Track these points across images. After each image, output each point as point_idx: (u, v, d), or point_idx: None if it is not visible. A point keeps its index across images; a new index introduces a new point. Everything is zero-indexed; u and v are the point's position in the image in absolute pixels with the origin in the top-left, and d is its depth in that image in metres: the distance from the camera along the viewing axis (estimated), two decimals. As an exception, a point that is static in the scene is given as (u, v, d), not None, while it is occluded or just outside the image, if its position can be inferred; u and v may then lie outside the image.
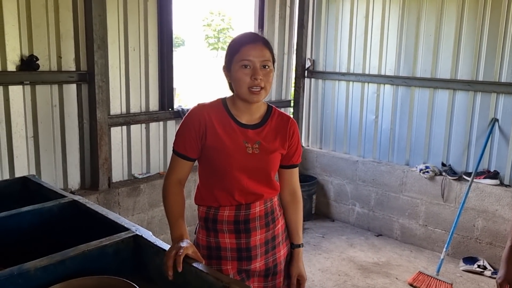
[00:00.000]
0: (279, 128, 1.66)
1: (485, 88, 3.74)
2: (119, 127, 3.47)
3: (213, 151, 1.59)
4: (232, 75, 1.56)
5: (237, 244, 1.64)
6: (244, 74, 1.52)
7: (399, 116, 4.30)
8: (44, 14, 2.94)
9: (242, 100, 1.58)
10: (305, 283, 1.79)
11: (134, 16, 3.44)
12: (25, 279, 1.24)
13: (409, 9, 4.11)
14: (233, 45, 1.57)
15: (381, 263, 3.82)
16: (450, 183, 3.90)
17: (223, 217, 1.63)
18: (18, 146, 2.93)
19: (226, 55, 1.60)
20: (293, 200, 1.78)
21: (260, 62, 1.52)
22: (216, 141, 1.58)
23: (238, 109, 1.62)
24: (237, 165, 1.58)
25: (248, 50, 1.52)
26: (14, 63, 2.85)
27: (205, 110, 1.61)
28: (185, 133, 1.60)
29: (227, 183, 1.60)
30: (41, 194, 1.99)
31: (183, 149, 1.60)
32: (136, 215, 3.51)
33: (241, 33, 1.64)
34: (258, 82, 1.51)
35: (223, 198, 1.62)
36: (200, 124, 1.58)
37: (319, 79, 4.89)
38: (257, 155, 1.60)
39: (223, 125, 1.59)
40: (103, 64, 3.18)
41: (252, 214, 1.64)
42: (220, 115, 1.61)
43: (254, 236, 1.65)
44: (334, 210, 4.79)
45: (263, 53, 1.53)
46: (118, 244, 1.45)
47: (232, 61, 1.55)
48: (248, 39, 1.56)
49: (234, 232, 1.64)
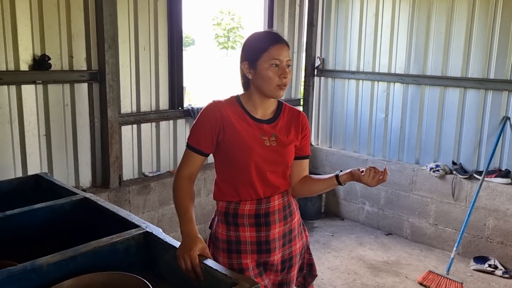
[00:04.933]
0: (291, 121, 1.74)
1: (496, 86, 3.70)
2: (130, 126, 3.50)
3: (233, 145, 1.63)
4: (259, 72, 1.61)
5: (257, 238, 1.69)
6: (273, 72, 1.59)
7: (409, 115, 4.27)
8: (56, 14, 2.98)
9: (266, 96, 1.65)
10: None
11: (144, 15, 3.47)
12: (38, 274, 1.26)
13: (419, 7, 4.08)
14: (259, 44, 1.62)
15: (390, 262, 3.81)
16: (460, 182, 3.87)
17: (244, 211, 1.68)
18: (31, 144, 2.97)
19: (250, 52, 1.63)
20: (304, 178, 1.80)
21: (286, 62, 1.61)
22: (235, 135, 1.62)
23: (254, 104, 1.68)
24: (257, 158, 1.63)
25: (277, 49, 1.59)
26: (27, 62, 2.89)
27: (222, 106, 1.65)
28: (200, 128, 1.64)
29: (248, 176, 1.64)
30: (53, 192, 2.02)
31: (198, 144, 1.64)
32: (147, 213, 3.54)
33: (262, 31, 1.71)
34: (286, 80, 1.60)
35: (245, 192, 1.67)
36: (216, 120, 1.62)
37: (328, 78, 4.88)
38: (275, 147, 1.66)
39: (240, 120, 1.64)
40: (113, 63, 3.21)
41: (272, 207, 1.70)
42: (236, 111, 1.66)
43: (273, 229, 1.70)
44: (343, 209, 4.78)
45: (288, 53, 1.63)
46: (129, 241, 1.47)
47: (259, 59, 1.60)
48: (276, 39, 1.62)
49: (255, 225, 1.68)
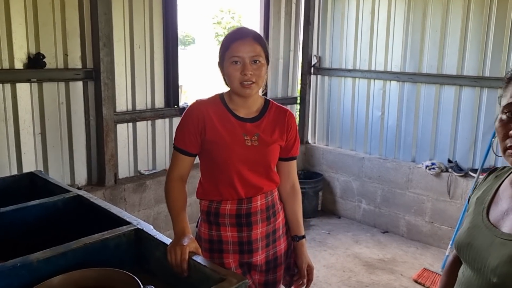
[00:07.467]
0: (277, 120, 1.69)
1: (491, 84, 3.71)
2: (125, 124, 3.51)
3: (213, 145, 1.62)
4: (225, 71, 1.61)
5: (238, 238, 1.67)
6: (234, 70, 1.56)
7: (405, 113, 4.28)
8: (50, 13, 2.98)
9: (236, 94, 1.63)
10: (313, 271, 1.84)
11: (139, 14, 3.47)
12: (28, 271, 1.27)
13: (415, 4, 4.08)
14: (223, 42, 1.61)
15: (386, 259, 3.82)
16: (456, 180, 3.88)
17: (225, 211, 1.66)
18: (26, 142, 2.97)
19: (219, 52, 1.63)
20: (293, 193, 1.81)
21: (249, 58, 1.55)
22: (215, 135, 1.61)
23: (235, 103, 1.66)
24: (237, 158, 1.61)
25: (237, 46, 1.55)
26: (22, 61, 2.89)
27: (203, 105, 1.65)
28: (184, 128, 1.63)
29: (228, 176, 1.63)
30: (47, 189, 2.02)
31: (183, 145, 1.64)
32: (142, 211, 3.55)
33: (233, 29, 1.68)
34: (248, 77, 1.55)
35: (225, 192, 1.65)
36: (198, 120, 1.61)
37: (325, 76, 4.88)
38: (257, 147, 1.63)
39: (221, 119, 1.63)
40: (109, 61, 3.22)
41: (254, 207, 1.67)
42: (218, 110, 1.65)
43: (255, 229, 1.67)
44: (340, 207, 4.79)
45: (253, 48, 1.55)
46: (120, 237, 1.47)
47: (224, 58, 1.59)
48: (237, 35, 1.59)
49: (236, 225, 1.66)
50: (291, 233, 1.81)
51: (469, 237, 1.05)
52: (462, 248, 1.06)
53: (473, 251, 1.02)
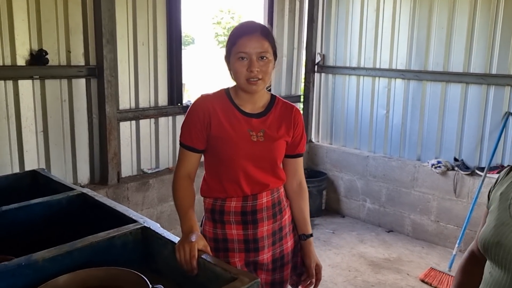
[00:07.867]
0: (283, 116, 1.66)
1: (498, 82, 3.67)
2: (128, 122, 3.47)
3: (218, 140, 1.59)
4: (231, 66, 1.57)
5: (244, 236, 1.63)
6: (241, 66, 1.53)
7: (410, 111, 4.24)
8: (53, 9, 2.94)
9: (242, 90, 1.59)
10: (321, 270, 1.80)
11: (143, 10, 3.43)
12: (33, 270, 1.23)
13: (421, 1, 4.04)
14: (230, 37, 1.57)
15: (392, 259, 3.78)
16: (462, 178, 3.84)
17: (230, 208, 1.63)
18: (28, 140, 2.94)
19: (226, 46, 1.60)
20: (300, 190, 1.78)
21: (256, 54, 1.51)
22: (221, 130, 1.58)
23: (241, 98, 1.63)
24: (243, 153, 1.58)
25: (244, 42, 1.51)
26: (24, 57, 2.86)
27: (209, 100, 1.61)
28: (190, 124, 1.60)
29: (234, 172, 1.60)
30: (50, 187, 1.99)
31: (190, 141, 1.60)
32: (145, 210, 3.51)
33: (240, 23, 1.63)
34: (255, 74, 1.52)
35: (231, 189, 1.61)
36: (204, 115, 1.58)
37: (329, 74, 4.84)
38: (262, 143, 1.60)
39: (227, 115, 1.60)
40: (112, 58, 3.18)
41: (259, 204, 1.63)
42: (224, 105, 1.61)
43: (261, 227, 1.64)
44: (344, 206, 4.74)
45: (260, 44, 1.52)
46: (126, 236, 1.44)
47: (231, 53, 1.56)
48: (245, 30, 1.55)
49: (242, 223, 1.63)
50: (298, 231, 1.78)
51: (497, 235, 1.00)
52: (490, 247, 1.01)
53: (503, 249, 0.97)
